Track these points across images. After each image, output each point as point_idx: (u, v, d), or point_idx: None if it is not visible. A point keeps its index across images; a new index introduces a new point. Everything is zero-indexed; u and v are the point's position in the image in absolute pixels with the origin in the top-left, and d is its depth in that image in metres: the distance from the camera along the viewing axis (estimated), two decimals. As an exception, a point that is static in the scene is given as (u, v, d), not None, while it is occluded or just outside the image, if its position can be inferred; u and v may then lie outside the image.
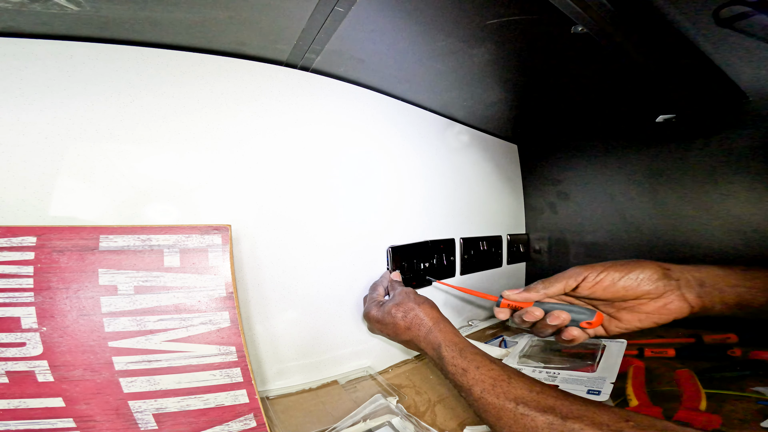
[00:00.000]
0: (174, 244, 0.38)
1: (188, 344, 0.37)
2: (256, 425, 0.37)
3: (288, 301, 0.50)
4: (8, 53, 0.35)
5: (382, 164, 0.62)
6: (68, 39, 0.37)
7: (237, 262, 0.43)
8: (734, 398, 0.42)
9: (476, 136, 0.84)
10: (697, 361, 0.52)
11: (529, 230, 0.98)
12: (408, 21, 0.42)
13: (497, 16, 0.41)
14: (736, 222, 0.64)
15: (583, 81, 0.59)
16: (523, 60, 0.52)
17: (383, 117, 0.63)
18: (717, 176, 0.66)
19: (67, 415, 0.32)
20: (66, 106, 0.37)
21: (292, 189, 0.51)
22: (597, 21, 0.41)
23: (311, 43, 0.46)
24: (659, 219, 0.74)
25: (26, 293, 0.32)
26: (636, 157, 0.77)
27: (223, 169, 0.45)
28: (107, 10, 0.35)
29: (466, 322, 0.77)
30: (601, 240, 0.83)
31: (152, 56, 0.41)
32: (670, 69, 0.53)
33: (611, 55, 0.49)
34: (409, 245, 0.64)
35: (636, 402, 0.41)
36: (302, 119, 0.52)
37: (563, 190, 0.91)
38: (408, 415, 0.43)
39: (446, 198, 0.74)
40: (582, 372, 0.47)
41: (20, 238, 0.32)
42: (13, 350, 0.31)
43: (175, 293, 0.37)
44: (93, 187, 0.38)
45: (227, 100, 0.46)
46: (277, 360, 0.49)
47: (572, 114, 0.77)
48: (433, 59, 0.51)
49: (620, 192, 0.80)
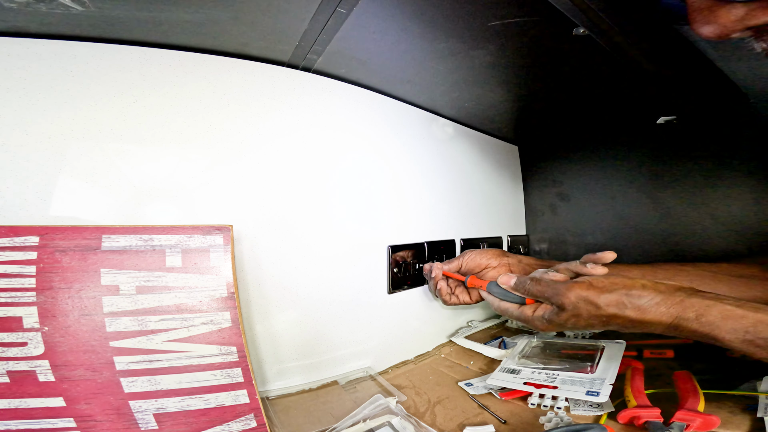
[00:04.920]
0: (176, 244, 0.38)
1: (189, 344, 0.37)
2: (257, 425, 0.37)
3: (288, 301, 0.50)
4: (12, 53, 0.35)
5: (383, 165, 0.62)
6: (72, 39, 0.37)
7: (238, 263, 0.43)
8: (733, 398, 0.42)
9: (477, 137, 0.84)
10: (695, 362, 0.53)
11: (530, 231, 0.98)
12: (410, 22, 0.42)
13: (499, 17, 0.41)
14: (736, 223, 0.64)
15: (584, 83, 0.60)
16: (525, 62, 0.53)
17: (384, 117, 0.63)
18: (717, 178, 0.66)
19: (67, 415, 0.32)
20: (69, 105, 0.37)
21: (293, 189, 0.51)
22: (598, 23, 0.41)
23: (313, 44, 0.46)
24: (659, 220, 0.74)
25: (28, 293, 0.32)
26: (636, 158, 0.77)
27: (224, 170, 0.46)
28: (111, 10, 0.35)
29: (465, 323, 0.77)
30: (601, 241, 0.84)
31: (155, 56, 0.41)
32: (671, 70, 0.53)
33: (612, 57, 0.49)
34: (409, 245, 0.64)
35: (635, 403, 0.41)
36: (303, 120, 0.52)
37: (564, 191, 0.91)
38: (408, 415, 0.43)
39: (447, 199, 0.75)
40: (581, 373, 0.47)
41: (23, 238, 0.32)
42: (14, 350, 0.31)
43: (177, 293, 0.37)
44: (95, 186, 0.38)
45: (229, 100, 0.46)
46: (277, 360, 0.49)
47: (573, 115, 0.77)
48: (434, 60, 0.51)
49: (620, 193, 0.80)
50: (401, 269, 0.63)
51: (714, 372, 0.49)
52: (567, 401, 0.45)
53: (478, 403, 0.48)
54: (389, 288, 0.61)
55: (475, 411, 0.46)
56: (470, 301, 0.59)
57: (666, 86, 0.58)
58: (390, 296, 0.61)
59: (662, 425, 0.38)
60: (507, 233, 0.91)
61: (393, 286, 0.61)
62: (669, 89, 0.59)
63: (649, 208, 0.75)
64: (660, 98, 0.65)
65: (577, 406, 0.44)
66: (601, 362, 0.49)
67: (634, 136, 0.77)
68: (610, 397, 0.42)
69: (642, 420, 0.39)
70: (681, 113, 0.69)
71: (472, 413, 0.46)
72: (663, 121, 0.72)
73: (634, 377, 0.47)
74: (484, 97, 0.65)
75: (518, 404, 0.47)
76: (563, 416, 0.42)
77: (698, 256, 0.68)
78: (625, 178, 0.79)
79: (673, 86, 0.58)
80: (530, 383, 0.47)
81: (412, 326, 0.65)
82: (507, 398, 0.48)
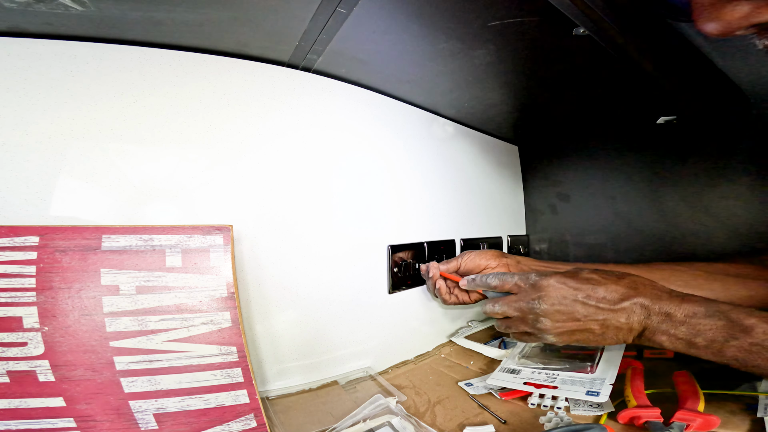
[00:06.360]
0: (176, 244, 0.38)
1: (189, 344, 0.37)
2: (257, 425, 0.37)
3: (288, 301, 0.50)
4: (13, 53, 0.35)
5: (383, 165, 0.62)
6: (72, 39, 0.37)
7: (238, 263, 0.43)
8: (733, 398, 0.42)
9: (477, 137, 0.84)
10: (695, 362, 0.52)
11: (530, 231, 0.98)
12: (410, 22, 0.42)
13: (499, 17, 0.41)
14: (736, 224, 0.64)
15: (584, 83, 0.60)
16: (525, 62, 0.52)
17: (384, 117, 0.63)
18: (717, 178, 0.66)
19: (67, 415, 0.32)
20: (69, 105, 0.37)
21: (293, 189, 0.51)
22: (598, 23, 0.41)
23: (313, 44, 0.46)
24: (659, 220, 0.74)
25: (28, 293, 0.32)
26: (636, 158, 0.77)
27: (224, 170, 0.46)
28: (111, 10, 0.35)
29: (466, 323, 0.77)
30: (601, 241, 0.84)
31: (155, 56, 0.41)
32: (671, 71, 0.53)
33: (612, 57, 0.49)
34: (409, 245, 0.64)
35: (635, 403, 0.42)
36: (303, 119, 0.52)
37: (564, 191, 0.91)
38: (408, 415, 0.43)
39: (447, 198, 0.75)
40: (581, 373, 0.47)
41: (23, 238, 0.32)
42: (14, 350, 0.31)
43: (177, 293, 0.37)
44: (95, 187, 0.38)
45: (229, 100, 0.46)
46: (277, 360, 0.49)
47: (573, 115, 0.77)
48: (434, 60, 0.51)
49: (620, 193, 0.80)
50: (401, 269, 0.63)
51: (714, 372, 0.49)
52: (567, 401, 0.45)
53: (478, 403, 0.48)
54: (389, 288, 0.61)
55: (475, 411, 0.46)
56: (469, 300, 0.59)
57: (666, 86, 0.58)
58: (390, 296, 0.61)
59: (662, 425, 0.38)
60: (507, 233, 0.91)
61: (393, 286, 0.61)
62: (669, 89, 0.59)
63: (649, 208, 0.75)
64: (660, 98, 0.65)
65: (577, 406, 0.44)
66: (601, 362, 0.49)
67: (634, 136, 0.77)
68: (610, 397, 0.42)
69: (642, 420, 0.39)
70: (681, 113, 0.69)
71: (472, 413, 0.46)
72: (663, 121, 0.72)
73: (634, 377, 0.47)
74: (484, 97, 0.65)
75: (518, 404, 0.47)
76: (563, 416, 0.42)
77: (698, 256, 0.68)
78: (625, 178, 0.79)
79: (673, 86, 0.58)
80: (530, 383, 0.47)
81: (412, 326, 0.65)
82: (507, 398, 0.48)
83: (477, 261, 0.60)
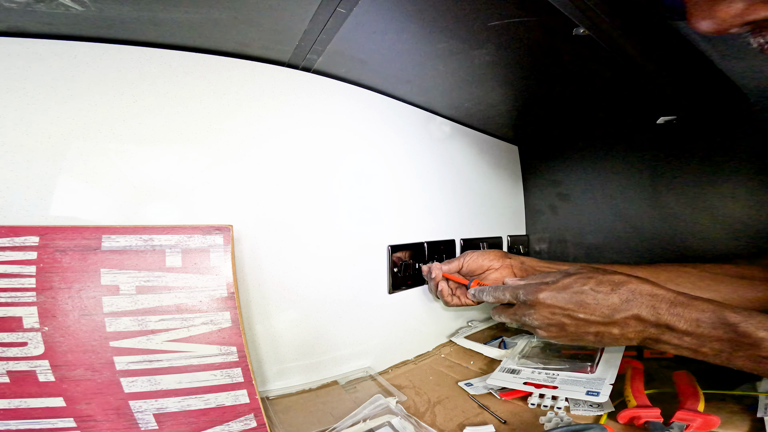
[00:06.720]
0: (176, 244, 0.38)
1: (189, 344, 0.37)
2: (257, 425, 0.37)
3: (288, 301, 0.50)
4: (12, 53, 0.35)
5: (383, 165, 0.62)
6: (72, 39, 0.37)
7: (238, 263, 0.43)
8: (733, 398, 0.42)
9: (477, 137, 0.84)
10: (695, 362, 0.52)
11: (530, 231, 0.98)
12: (410, 22, 0.42)
13: (499, 17, 0.41)
14: (736, 224, 0.64)
15: (584, 82, 0.60)
16: (525, 62, 0.52)
17: (384, 117, 0.63)
18: (717, 178, 0.66)
19: (67, 415, 0.32)
20: (69, 105, 0.37)
21: (293, 189, 0.51)
22: (598, 23, 0.41)
23: (313, 44, 0.46)
24: (659, 220, 0.74)
25: (28, 293, 0.32)
26: (636, 158, 0.77)
27: (224, 169, 0.46)
28: (111, 10, 0.35)
29: (466, 323, 0.77)
30: (601, 241, 0.84)
31: (155, 56, 0.41)
32: (671, 71, 0.53)
33: (612, 57, 0.49)
34: (409, 245, 0.64)
35: (635, 403, 0.42)
36: (303, 119, 0.52)
37: (563, 191, 0.91)
38: (408, 415, 0.43)
39: (447, 198, 0.75)
40: (581, 373, 0.47)
41: (23, 238, 0.32)
42: (14, 350, 0.31)
43: (177, 293, 0.37)
44: (95, 186, 0.38)
45: (229, 100, 0.46)
46: (277, 360, 0.49)
47: (573, 115, 0.77)
48: (434, 60, 0.51)
49: (620, 193, 0.80)
50: (401, 269, 0.63)
51: (714, 372, 0.49)
52: (567, 401, 0.45)
53: (478, 403, 0.48)
54: (389, 288, 0.61)
55: (475, 411, 0.46)
56: (471, 303, 0.59)
57: (666, 86, 0.58)
58: (390, 296, 0.61)
59: (662, 425, 0.38)
60: (507, 233, 0.91)
61: (393, 286, 0.61)
62: (669, 89, 0.59)
63: (649, 208, 0.75)
64: (660, 98, 0.65)
65: (577, 406, 0.44)
66: (601, 362, 0.49)
67: (633, 136, 0.77)
68: (610, 397, 0.42)
69: (642, 420, 0.39)
70: (681, 113, 0.69)
71: (472, 413, 0.46)
72: (663, 121, 0.72)
73: (634, 377, 0.47)
74: (484, 97, 0.65)
75: (518, 404, 0.47)
76: (563, 416, 0.42)
77: (698, 257, 0.68)
78: (625, 178, 0.79)
79: (673, 86, 0.58)
80: (530, 383, 0.47)
81: (412, 326, 0.65)
82: (507, 398, 0.48)
83: (480, 261, 0.60)
